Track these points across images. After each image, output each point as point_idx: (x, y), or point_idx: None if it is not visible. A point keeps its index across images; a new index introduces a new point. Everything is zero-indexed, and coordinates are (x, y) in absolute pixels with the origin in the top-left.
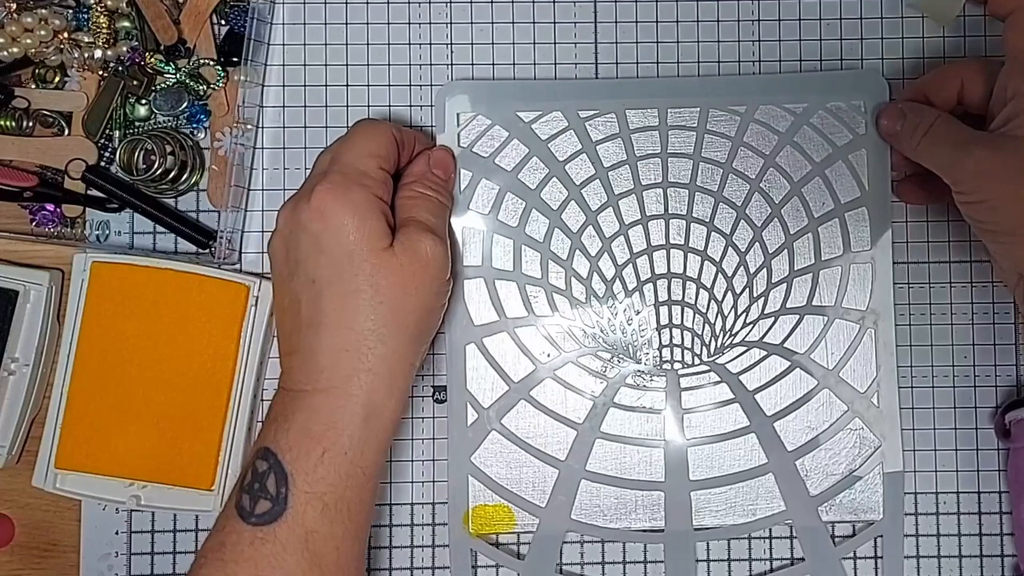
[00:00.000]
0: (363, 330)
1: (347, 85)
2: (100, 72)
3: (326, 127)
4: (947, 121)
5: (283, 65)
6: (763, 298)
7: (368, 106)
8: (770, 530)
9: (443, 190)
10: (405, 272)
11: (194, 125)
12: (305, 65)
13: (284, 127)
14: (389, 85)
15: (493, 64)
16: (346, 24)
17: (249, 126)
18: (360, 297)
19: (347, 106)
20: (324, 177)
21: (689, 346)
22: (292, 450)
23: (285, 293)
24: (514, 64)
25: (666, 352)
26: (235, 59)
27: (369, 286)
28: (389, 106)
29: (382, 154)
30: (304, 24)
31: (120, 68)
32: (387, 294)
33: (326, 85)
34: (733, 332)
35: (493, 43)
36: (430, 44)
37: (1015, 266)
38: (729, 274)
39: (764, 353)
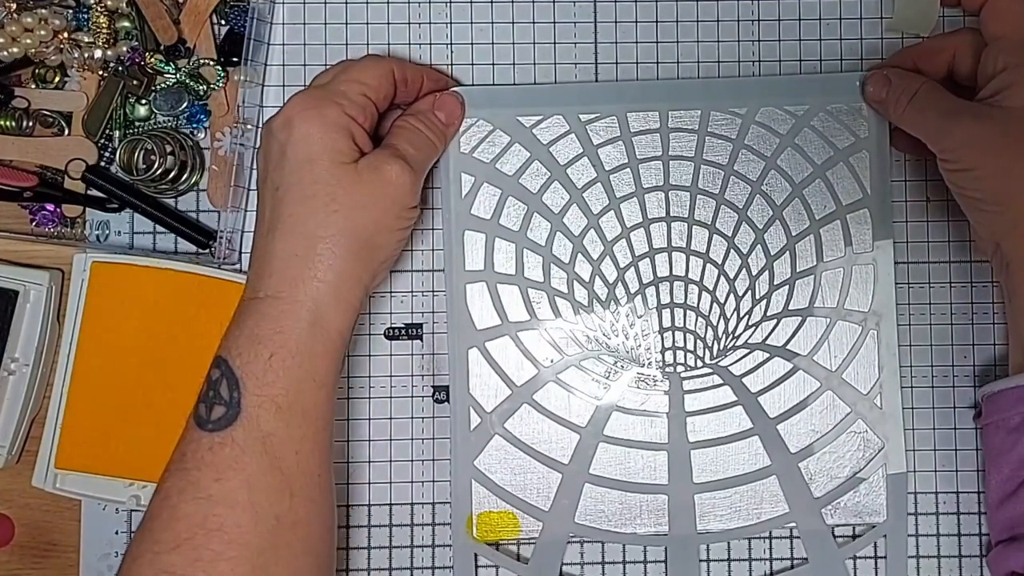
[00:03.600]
0: (314, 236)
1: None
2: (100, 72)
3: None
4: (933, 88)
5: (283, 65)
6: (765, 300)
7: None
8: (770, 530)
9: (436, 130)
10: (364, 188)
11: (194, 125)
12: (305, 65)
13: None
14: None
15: (493, 64)
16: (346, 24)
17: (249, 126)
18: (315, 202)
19: None
20: (304, 91)
21: (692, 349)
22: (242, 355)
23: (258, 202)
24: (514, 64)
25: (669, 355)
26: (235, 59)
27: (325, 193)
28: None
29: (370, 84)
30: (304, 24)
31: (120, 68)
32: (342, 204)
33: None
34: (735, 335)
35: (493, 43)
36: (430, 44)
37: (993, 235)
38: (731, 276)
39: (767, 355)
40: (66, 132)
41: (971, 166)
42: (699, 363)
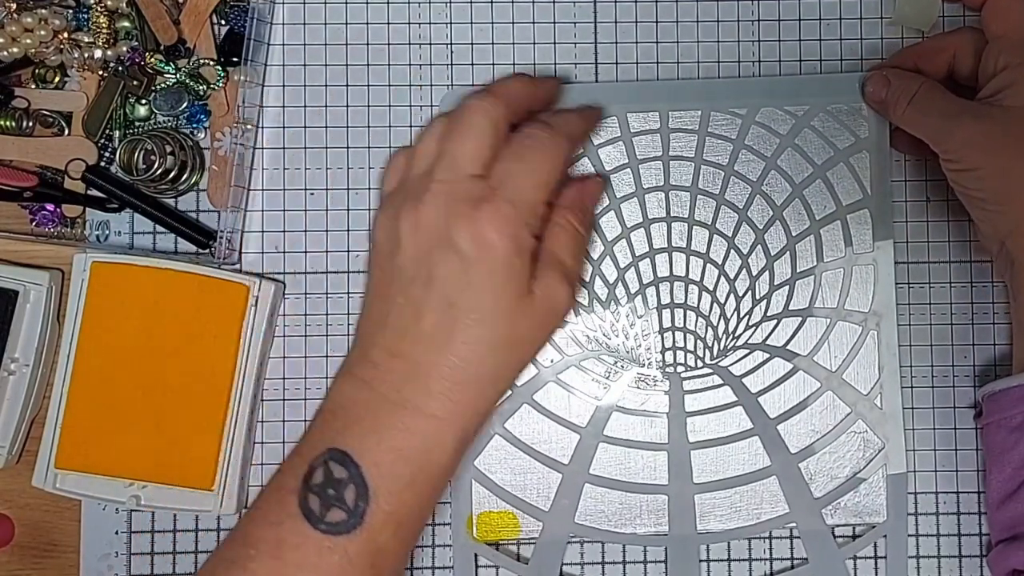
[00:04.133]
0: (486, 373)
1: (347, 85)
2: (100, 72)
3: (326, 127)
4: (932, 88)
5: (283, 65)
6: (765, 300)
7: (368, 106)
8: (770, 530)
9: (589, 224)
10: (541, 324)
11: (194, 125)
12: (305, 65)
13: (284, 127)
14: (389, 85)
15: (493, 64)
16: (346, 24)
17: (249, 126)
18: (495, 339)
19: (347, 106)
20: (493, 201)
21: (692, 349)
22: (380, 466)
23: (402, 292)
24: (514, 64)
25: (669, 355)
26: (235, 59)
27: (506, 330)
28: (389, 106)
29: (552, 185)
30: (304, 24)
31: (120, 68)
32: (521, 341)
33: (326, 85)
34: (736, 335)
35: (493, 43)
36: (430, 44)
37: (997, 234)
38: (731, 277)
39: (767, 356)
40: (66, 132)
41: (973, 166)
42: (699, 363)
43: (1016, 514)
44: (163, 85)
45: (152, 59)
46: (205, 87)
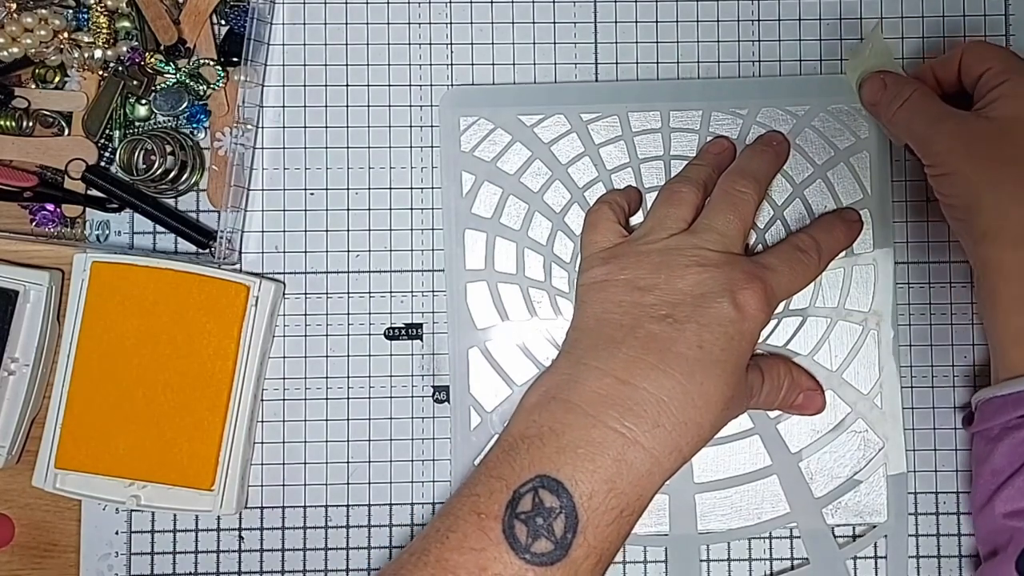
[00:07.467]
0: (706, 423)
1: (347, 85)
2: (100, 72)
3: (326, 127)
4: (924, 95)
5: (283, 65)
6: None
7: (368, 106)
8: (771, 530)
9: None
10: (744, 399)
11: (194, 125)
12: (305, 65)
13: (284, 127)
14: (389, 85)
15: (493, 64)
16: (346, 24)
17: (249, 126)
18: (723, 396)
19: (347, 106)
20: (764, 280)
21: None
22: (593, 498)
23: (648, 324)
24: (514, 64)
25: None
26: (235, 59)
27: (732, 391)
28: (389, 106)
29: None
30: (304, 24)
31: (120, 68)
32: (732, 405)
33: (326, 85)
34: None
35: (493, 43)
36: (430, 44)
37: (967, 243)
38: None
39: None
40: (66, 132)
41: (949, 171)
42: None
43: (993, 527)
44: (163, 85)
45: (152, 59)
46: (205, 87)
